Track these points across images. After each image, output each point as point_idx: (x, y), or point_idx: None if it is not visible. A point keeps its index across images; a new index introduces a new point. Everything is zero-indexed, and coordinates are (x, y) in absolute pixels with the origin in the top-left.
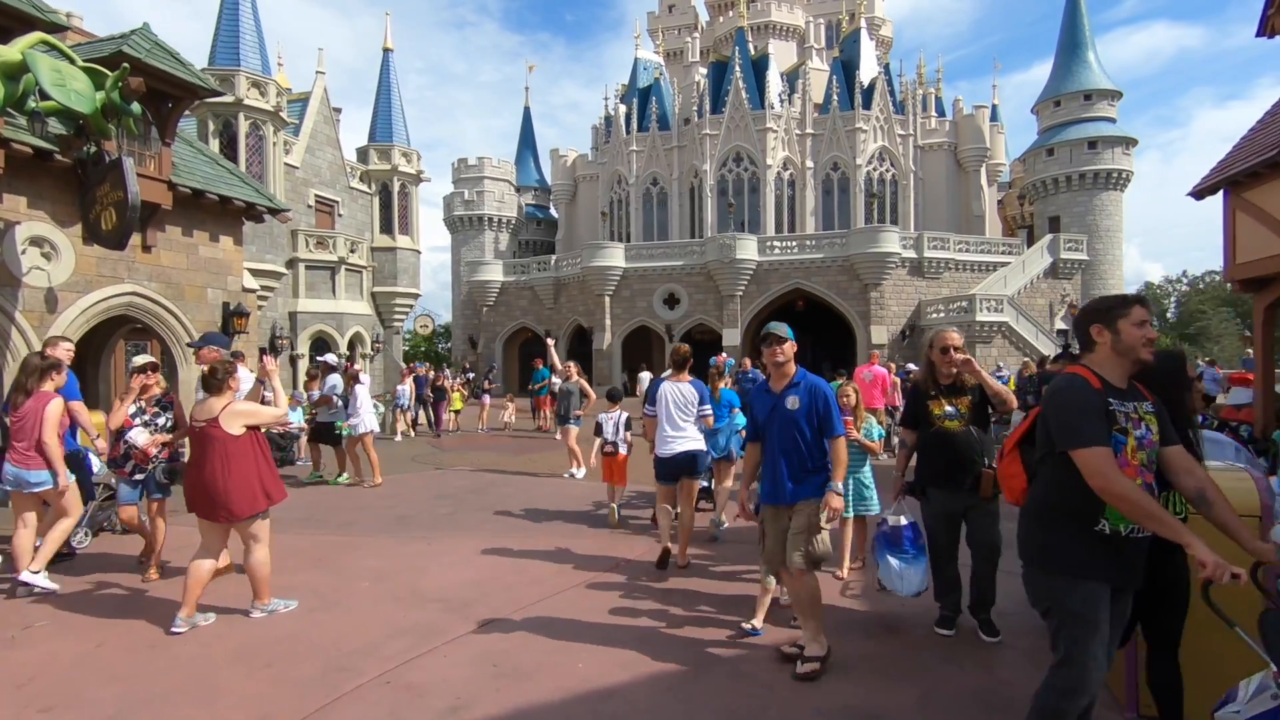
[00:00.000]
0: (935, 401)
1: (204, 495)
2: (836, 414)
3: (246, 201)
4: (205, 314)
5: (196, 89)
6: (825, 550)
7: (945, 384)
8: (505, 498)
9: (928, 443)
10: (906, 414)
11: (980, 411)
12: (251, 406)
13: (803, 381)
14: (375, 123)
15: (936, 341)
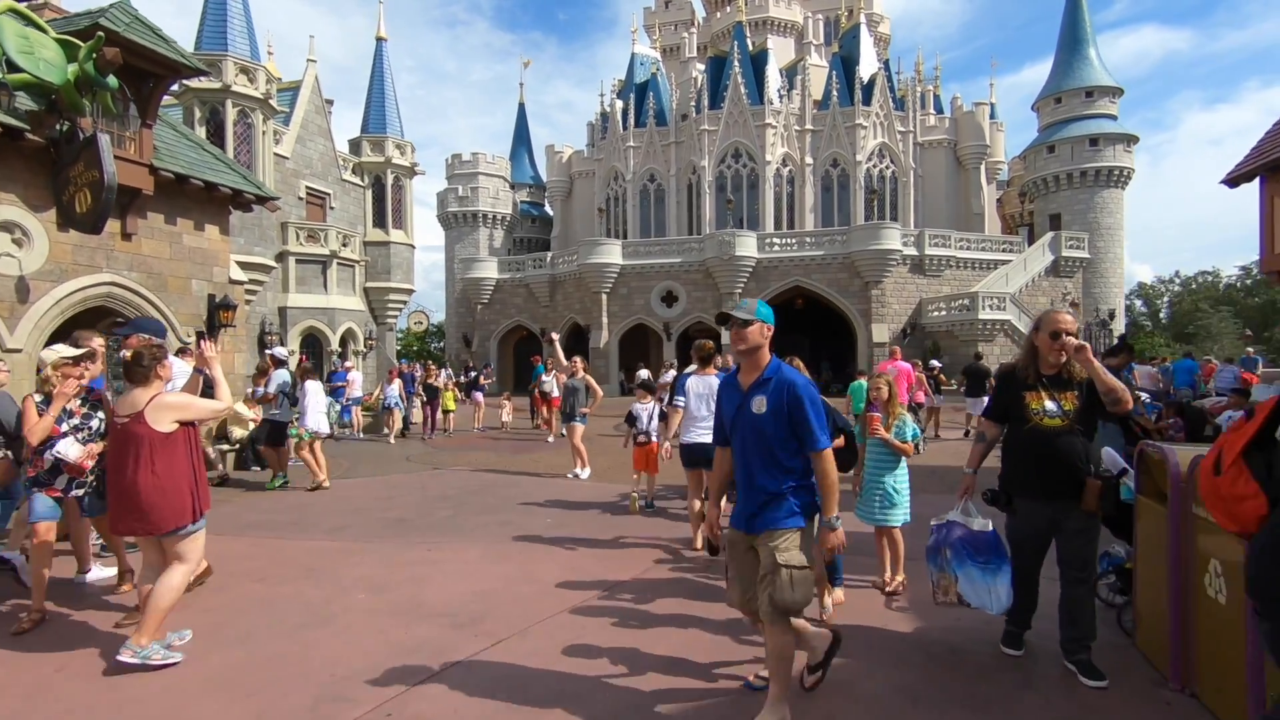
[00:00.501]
0: (1034, 394)
1: (124, 505)
2: (817, 418)
3: (233, 188)
4: (189, 306)
5: (179, 67)
6: (796, 598)
7: (1049, 374)
8: (508, 499)
9: (1019, 442)
10: (993, 404)
11: (1088, 410)
12: (185, 398)
13: (773, 377)
14: (368, 114)
15: (1045, 323)
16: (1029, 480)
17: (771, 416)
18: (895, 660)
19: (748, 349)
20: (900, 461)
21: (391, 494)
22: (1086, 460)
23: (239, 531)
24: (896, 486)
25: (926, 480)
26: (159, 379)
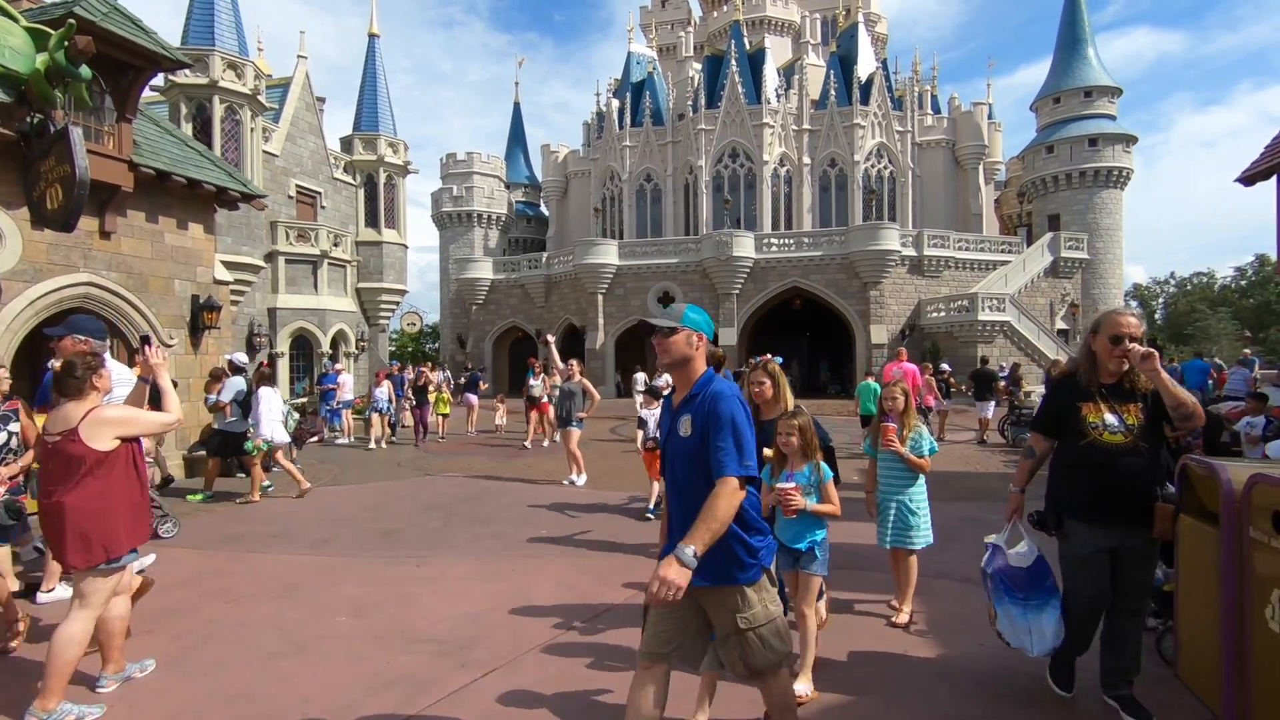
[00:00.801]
0: (1092, 405)
1: (51, 534)
2: (729, 439)
3: (218, 186)
4: (172, 307)
5: (160, 59)
6: (777, 652)
7: (1109, 384)
8: (501, 508)
9: (1075, 460)
10: (1044, 415)
11: (1154, 424)
12: (127, 412)
13: (701, 393)
14: (360, 111)
15: (1105, 326)
16: (1085, 503)
17: (699, 440)
18: (919, 694)
19: (673, 362)
20: (917, 478)
21: (380, 502)
22: (1153, 481)
23: (218, 545)
24: (914, 506)
25: (933, 487)
26: (96, 391)
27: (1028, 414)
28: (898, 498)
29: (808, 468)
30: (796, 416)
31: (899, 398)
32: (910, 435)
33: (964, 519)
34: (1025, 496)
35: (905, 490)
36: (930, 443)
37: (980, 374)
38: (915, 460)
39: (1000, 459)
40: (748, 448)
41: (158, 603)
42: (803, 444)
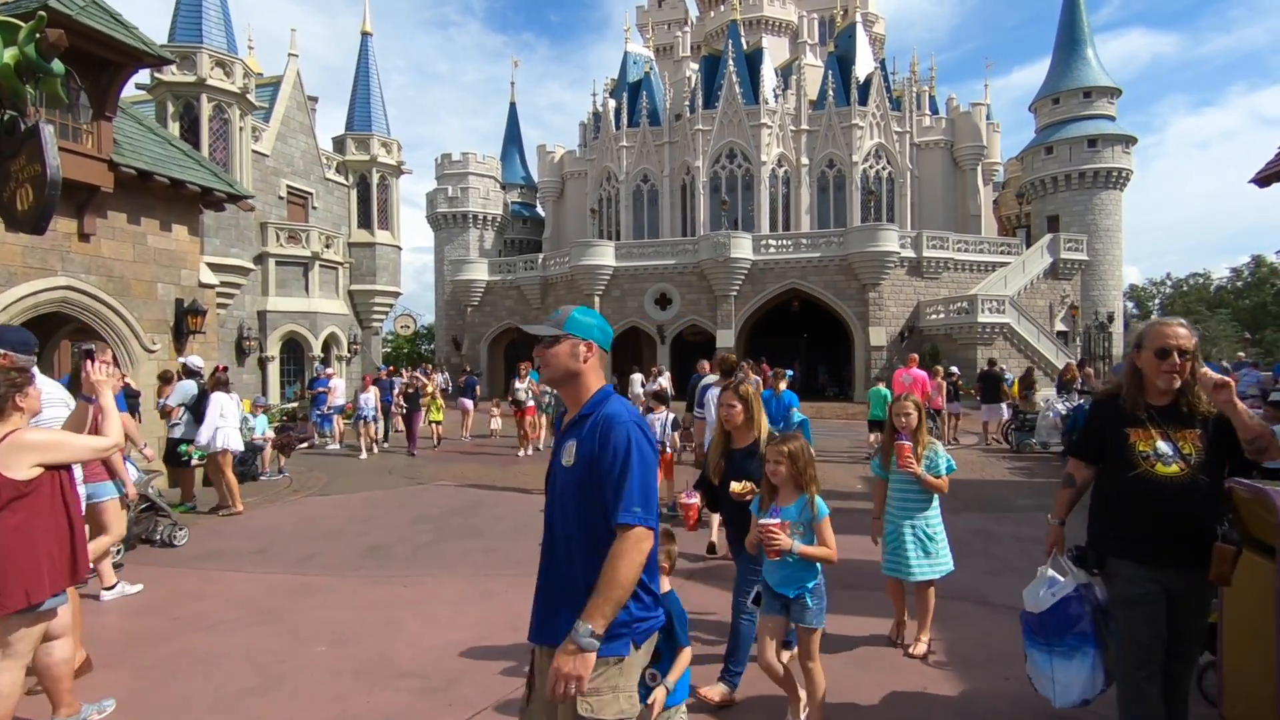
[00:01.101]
0: (1141, 431)
1: None
2: (630, 476)
3: (202, 186)
4: (155, 311)
5: (141, 55)
6: None
7: (1161, 406)
8: (495, 520)
9: (1122, 493)
10: (1084, 440)
11: (1215, 455)
12: (52, 436)
13: (592, 414)
14: (353, 110)
15: (1150, 338)
16: (1133, 541)
17: (585, 471)
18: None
19: (554, 377)
20: (931, 500)
21: (369, 514)
22: (1212, 518)
23: (194, 563)
24: (930, 532)
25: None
26: (19, 411)
27: (1032, 419)
28: (910, 522)
29: (799, 502)
30: (788, 441)
31: (912, 413)
32: (925, 453)
33: (974, 532)
34: (1064, 530)
35: (920, 514)
36: (948, 461)
37: (989, 376)
38: (933, 481)
39: (1005, 465)
40: (651, 490)
41: (125, 631)
42: (794, 473)
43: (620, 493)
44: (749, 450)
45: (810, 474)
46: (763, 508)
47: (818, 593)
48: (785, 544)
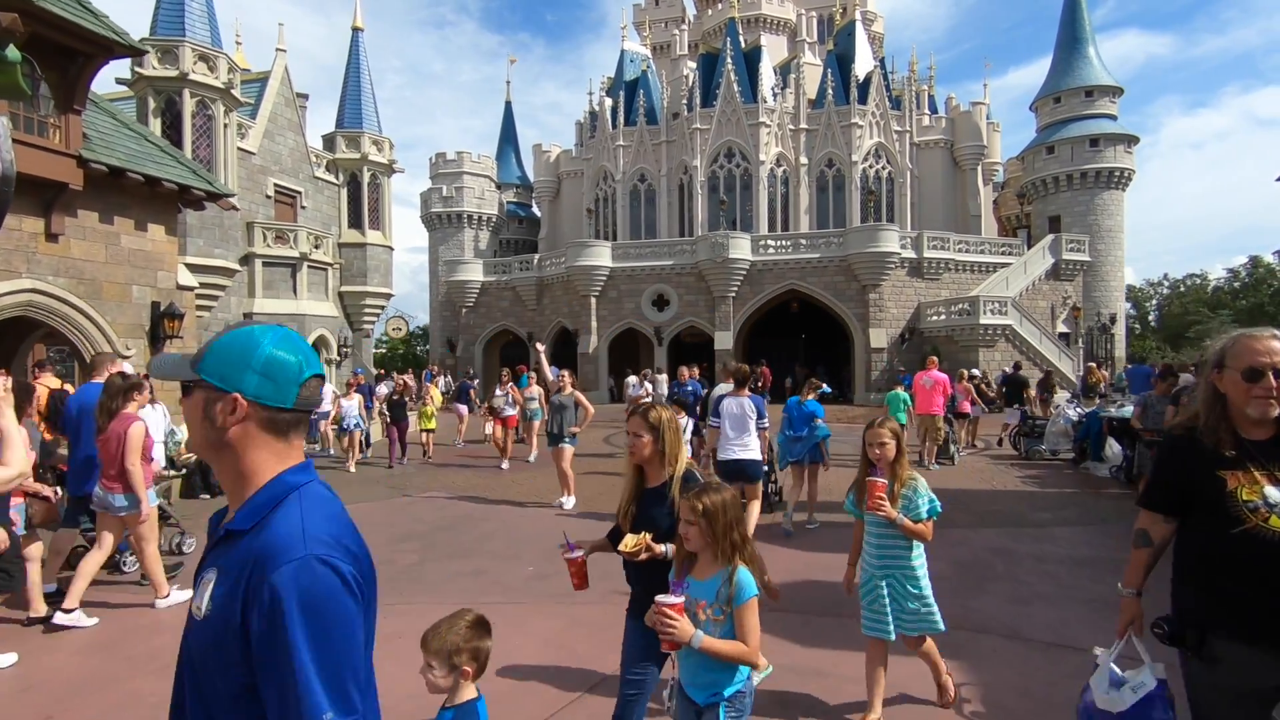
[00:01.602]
0: (1240, 474)
1: None
2: (310, 670)
3: (179, 184)
4: (129, 315)
5: (112, 45)
6: None
7: (1261, 441)
8: (485, 537)
9: (1225, 553)
10: (1160, 487)
11: None
12: None
13: (248, 530)
14: (343, 108)
15: (1235, 356)
16: (1248, 616)
17: (221, 632)
18: None
19: (196, 447)
20: (914, 549)
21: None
22: None
23: None
24: (913, 586)
25: (951, 509)
26: None
27: (1041, 425)
28: (890, 574)
29: (718, 577)
30: (707, 494)
31: (888, 442)
32: (903, 492)
33: (994, 551)
34: (1140, 602)
35: (900, 563)
36: (930, 501)
37: (1013, 379)
38: (911, 527)
39: (1016, 474)
40: (345, 671)
41: (69, 673)
42: (710, 538)
43: (287, 700)
44: (659, 491)
45: (734, 539)
46: (676, 575)
47: (737, 705)
48: (683, 633)
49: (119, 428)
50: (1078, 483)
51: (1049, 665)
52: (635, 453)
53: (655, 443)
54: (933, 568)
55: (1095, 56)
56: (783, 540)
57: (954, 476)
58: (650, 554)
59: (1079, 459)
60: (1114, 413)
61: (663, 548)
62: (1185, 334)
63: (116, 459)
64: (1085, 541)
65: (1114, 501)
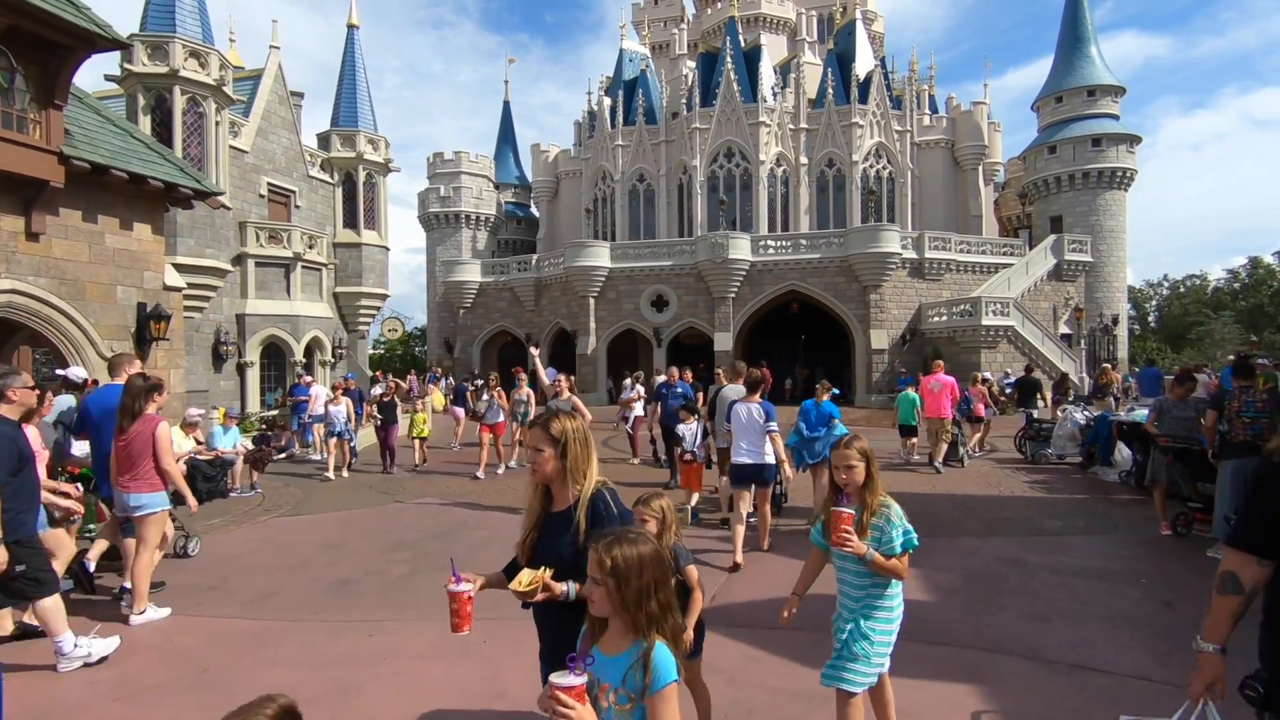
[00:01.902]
0: None
1: None
2: None
3: (166, 181)
4: (114, 317)
5: (94, 38)
6: None
7: None
8: (478, 546)
9: None
10: (1258, 523)
11: None
12: None
13: None
14: (338, 106)
15: None
16: None
17: None
18: None
19: None
20: (887, 588)
21: (342, 539)
22: None
23: None
24: (870, 630)
25: (958, 516)
26: None
27: (1048, 428)
28: (861, 615)
29: (628, 653)
30: (619, 545)
31: (856, 464)
32: (874, 521)
33: (1007, 562)
34: (1224, 659)
35: (880, 603)
36: (905, 533)
37: (1026, 382)
38: (884, 563)
39: (1023, 479)
40: None
41: (29, 701)
42: (618, 602)
43: None
44: (565, 516)
45: (652, 609)
46: (581, 645)
47: None
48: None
49: (144, 429)
50: (1087, 488)
51: (1075, 690)
52: (537, 470)
53: (559, 457)
54: (943, 580)
55: (1097, 56)
56: (789, 550)
57: (960, 482)
58: (549, 594)
59: (1087, 463)
60: (1124, 416)
61: (564, 587)
62: (1186, 335)
63: (140, 460)
64: (1100, 551)
65: (1125, 508)
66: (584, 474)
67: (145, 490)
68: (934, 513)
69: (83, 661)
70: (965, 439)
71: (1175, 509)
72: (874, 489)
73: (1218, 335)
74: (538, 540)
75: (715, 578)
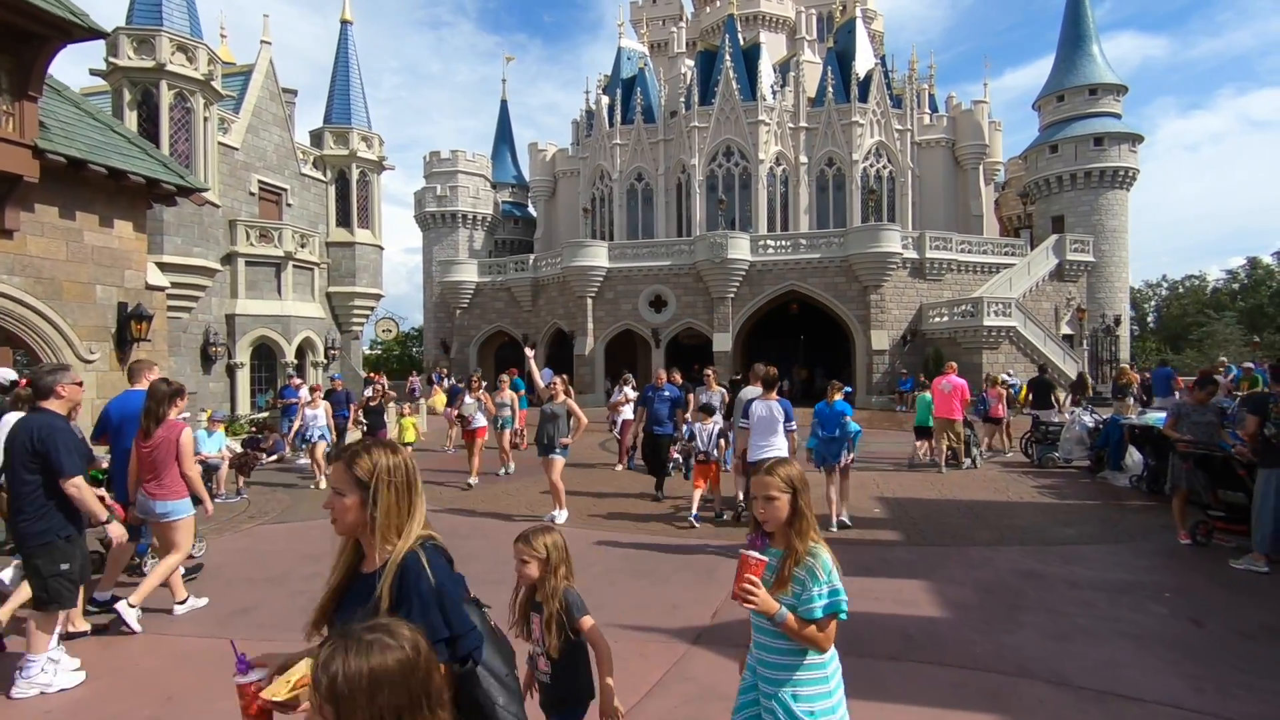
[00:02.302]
0: None
1: None
2: None
3: (147, 177)
4: (93, 317)
5: (70, 27)
6: None
7: None
8: (468, 558)
9: None
10: None
11: None
12: None
13: None
14: (331, 103)
15: None
16: None
17: None
18: None
19: None
20: (805, 656)
21: (326, 548)
22: None
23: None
24: (807, 714)
25: (966, 524)
26: None
27: (1055, 431)
28: (787, 691)
29: None
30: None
31: (777, 496)
32: (797, 572)
33: (1021, 574)
34: None
35: (804, 674)
36: (832, 592)
37: (1040, 383)
38: (797, 630)
39: (1030, 483)
40: None
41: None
42: None
43: None
44: (369, 582)
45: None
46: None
47: None
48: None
49: (169, 434)
50: (1097, 493)
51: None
52: (337, 520)
53: (364, 506)
54: (956, 594)
55: (1099, 54)
56: None
57: (967, 486)
58: None
59: (1095, 467)
60: (1135, 420)
61: None
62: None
63: (164, 466)
64: (1118, 562)
65: (1139, 515)
66: (398, 531)
67: (172, 498)
68: (942, 519)
69: (40, 690)
70: (978, 440)
71: (1194, 517)
72: (801, 530)
73: (1220, 336)
74: (335, 610)
75: (721, 590)
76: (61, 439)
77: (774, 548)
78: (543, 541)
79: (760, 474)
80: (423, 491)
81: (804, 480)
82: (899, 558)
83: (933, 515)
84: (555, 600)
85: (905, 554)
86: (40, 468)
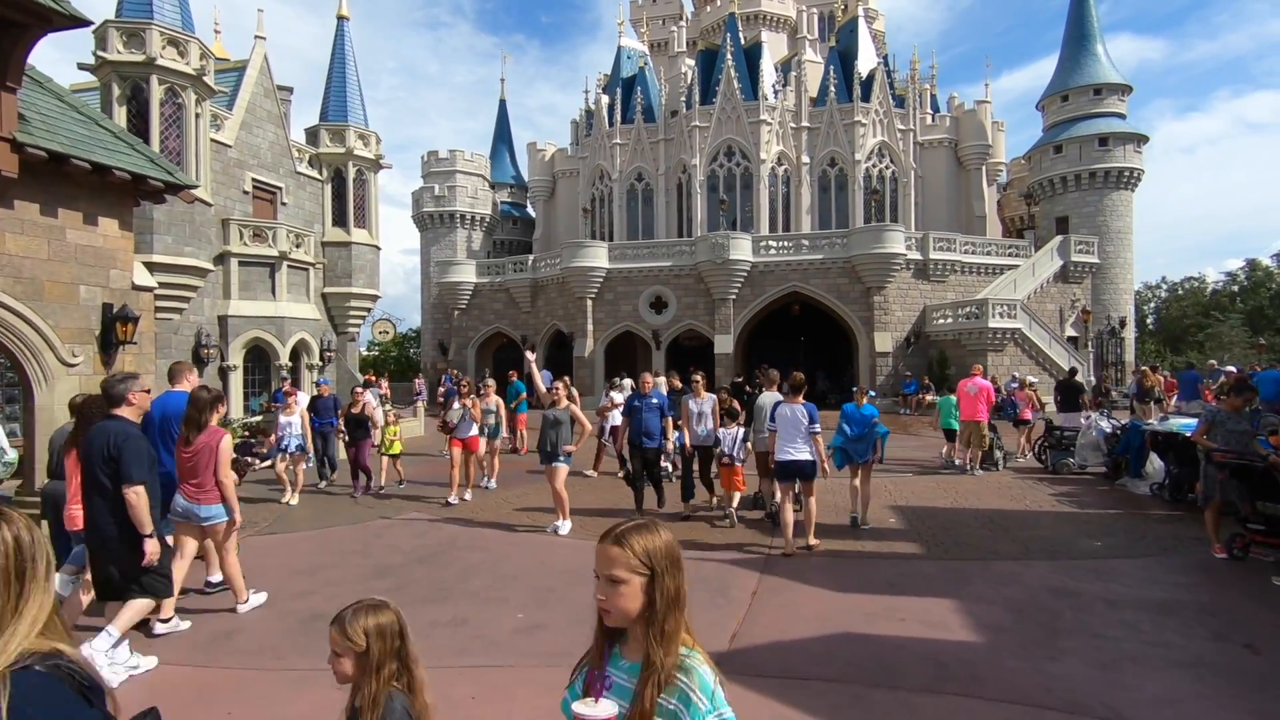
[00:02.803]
0: None
1: None
2: None
3: (132, 173)
4: (76, 319)
5: (49, 14)
6: None
7: None
8: (468, 571)
9: None
10: None
11: None
12: None
13: None
14: (327, 100)
15: None
16: None
17: None
18: None
19: None
20: None
21: (319, 561)
22: None
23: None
24: None
25: (988, 535)
26: None
27: (1070, 437)
28: None
29: None
30: None
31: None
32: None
33: (1054, 591)
34: None
35: None
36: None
37: (1068, 385)
38: None
39: (1047, 491)
40: None
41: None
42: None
43: None
44: None
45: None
46: None
47: None
48: None
49: (210, 441)
50: (1118, 502)
51: None
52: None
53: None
54: (988, 615)
55: (1104, 54)
56: (816, 578)
57: (983, 494)
58: None
59: (1113, 474)
60: (1157, 425)
61: None
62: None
63: (205, 472)
64: (1153, 578)
65: (1165, 525)
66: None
67: (214, 502)
68: (961, 530)
69: (128, 671)
70: (1002, 442)
71: (1228, 529)
72: (666, 632)
73: (1225, 338)
74: None
75: (736, 609)
76: (133, 445)
77: (626, 659)
78: (361, 626)
79: (606, 543)
80: (46, 582)
81: (675, 557)
82: (921, 572)
83: (951, 525)
84: (373, 713)
85: (927, 568)
86: (111, 472)
